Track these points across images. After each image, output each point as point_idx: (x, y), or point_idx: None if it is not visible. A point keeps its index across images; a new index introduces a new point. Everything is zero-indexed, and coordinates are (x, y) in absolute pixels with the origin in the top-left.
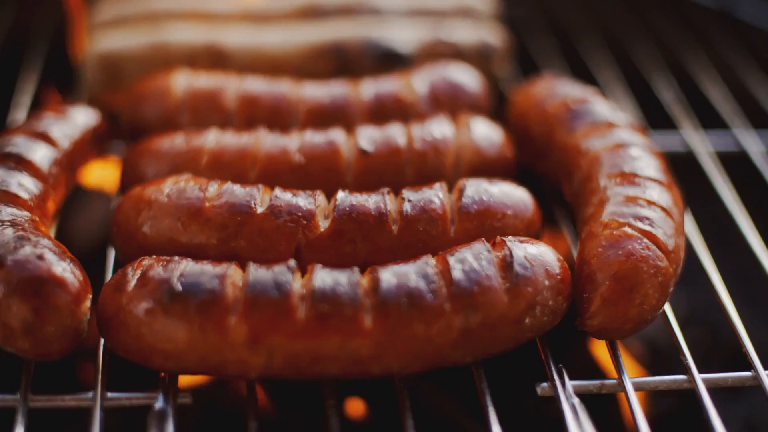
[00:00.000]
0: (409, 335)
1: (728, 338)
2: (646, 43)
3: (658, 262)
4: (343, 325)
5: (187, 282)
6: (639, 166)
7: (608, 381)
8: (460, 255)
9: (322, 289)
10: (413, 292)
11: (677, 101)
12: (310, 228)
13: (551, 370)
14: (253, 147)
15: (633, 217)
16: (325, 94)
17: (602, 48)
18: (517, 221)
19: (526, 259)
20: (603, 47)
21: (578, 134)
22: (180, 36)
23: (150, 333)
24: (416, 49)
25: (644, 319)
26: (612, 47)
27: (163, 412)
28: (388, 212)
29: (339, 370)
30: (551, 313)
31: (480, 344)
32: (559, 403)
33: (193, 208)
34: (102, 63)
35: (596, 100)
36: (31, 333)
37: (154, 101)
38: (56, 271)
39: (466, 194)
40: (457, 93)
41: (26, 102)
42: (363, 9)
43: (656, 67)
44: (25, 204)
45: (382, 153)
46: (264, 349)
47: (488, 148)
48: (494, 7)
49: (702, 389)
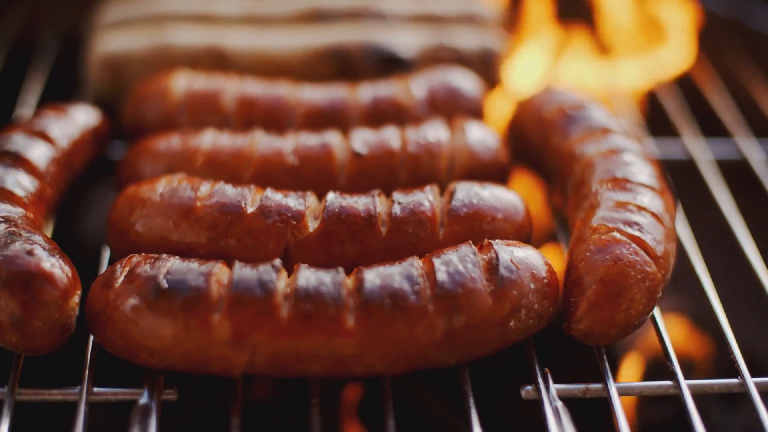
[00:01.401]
0: (392, 336)
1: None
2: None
3: (645, 268)
4: (325, 325)
5: (173, 279)
6: (632, 172)
7: (593, 385)
8: (446, 257)
9: (305, 288)
10: (397, 292)
11: (681, 109)
12: (299, 228)
13: (537, 374)
14: (248, 148)
15: (622, 222)
16: (323, 97)
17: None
18: (507, 225)
19: (512, 262)
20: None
21: (573, 140)
22: (183, 38)
23: (136, 329)
24: (418, 53)
25: (631, 324)
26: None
27: (146, 407)
28: (377, 214)
29: (322, 369)
30: (537, 317)
31: (464, 346)
32: (542, 406)
33: (184, 207)
34: (106, 64)
35: (593, 106)
36: (18, 327)
37: (154, 102)
38: (45, 266)
39: (456, 197)
40: (455, 98)
41: (32, 101)
42: (367, 13)
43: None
44: (20, 201)
45: (375, 155)
46: (247, 346)
47: (483, 152)
48: (500, 14)
49: (687, 395)
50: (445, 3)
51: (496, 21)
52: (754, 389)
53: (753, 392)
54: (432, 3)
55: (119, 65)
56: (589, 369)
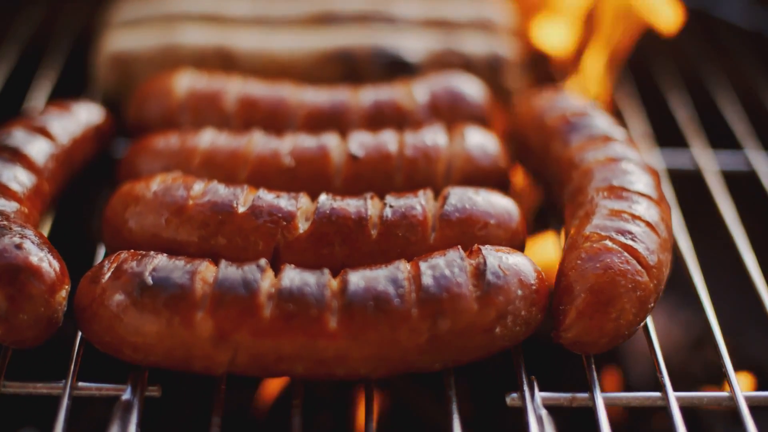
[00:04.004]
0: (375, 339)
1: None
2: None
3: (637, 277)
4: (307, 326)
5: (159, 276)
6: (629, 181)
7: (579, 394)
8: (433, 261)
9: (289, 288)
10: (380, 295)
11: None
12: (289, 229)
13: (522, 381)
14: (245, 149)
15: (615, 230)
16: (324, 99)
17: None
18: (501, 231)
19: (500, 267)
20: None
21: (573, 147)
22: (191, 38)
23: (120, 325)
24: (425, 58)
25: (620, 334)
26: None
27: (128, 403)
28: (368, 217)
29: (304, 370)
30: (524, 324)
31: (449, 351)
32: (526, 414)
33: (176, 205)
34: (114, 63)
35: (596, 113)
36: (4, 320)
37: (157, 101)
38: (32, 260)
39: (448, 201)
40: (457, 103)
41: (41, 98)
42: (377, 17)
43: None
44: (15, 195)
45: (372, 158)
46: (229, 345)
47: (481, 157)
48: (512, 21)
49: (674, 407)
50: (457, 8)
51: (508, 27)
52: (743, 402)
53: (742, 405)
54: (444, 7)
55: (127, 64)
56: (577, 378)
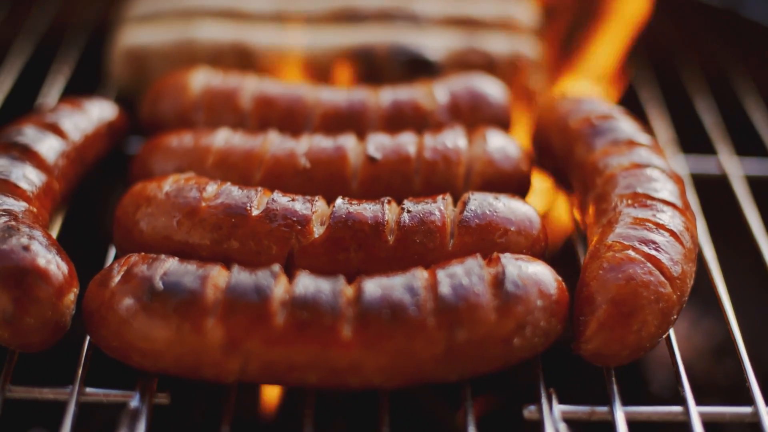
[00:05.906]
0: (390, 348)
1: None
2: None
3: (660, 288)
4: (321, 334)
5: (169, 281)
6: (653, 188)
7: (599, 408)
8: (451, 270)
9: (303, 295)
10: (396, 304)
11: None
12: (304, 234)
13: (541, 393)
14: (260, 149)
15: (638, 240)
16: (342, 99)
17: (647, 67)
18: (521, 238)
19: (519, 277)
20: (648, 66)
21: (597, 152)
22: (207, 34)
23: (129, 330)
24: (446, 56)
25: (642, 347)
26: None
27: (136, 411)
28: (385, 222)
29: (317, 380)
30: (544, 335)
31: (466, 362)
32: (544, 428)
33: (189, 207)
34: (129, 57)
35: (621, 117)
36: (10, 323)
37: (172, 98)
38: (40, 262)
39: (468, 207)
40: (479, 104)
41: (55, 94)
42: (399, 14)
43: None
44: (24, 194)
45: (390, 161)
46: (240, 353)
47: (502, 161)
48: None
49: (696, 423)
50: (480, 6)
51: (533, 27)
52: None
53: (764, 421)
54: (467, 5)
55: (142, 59)
56: (597, 391)
